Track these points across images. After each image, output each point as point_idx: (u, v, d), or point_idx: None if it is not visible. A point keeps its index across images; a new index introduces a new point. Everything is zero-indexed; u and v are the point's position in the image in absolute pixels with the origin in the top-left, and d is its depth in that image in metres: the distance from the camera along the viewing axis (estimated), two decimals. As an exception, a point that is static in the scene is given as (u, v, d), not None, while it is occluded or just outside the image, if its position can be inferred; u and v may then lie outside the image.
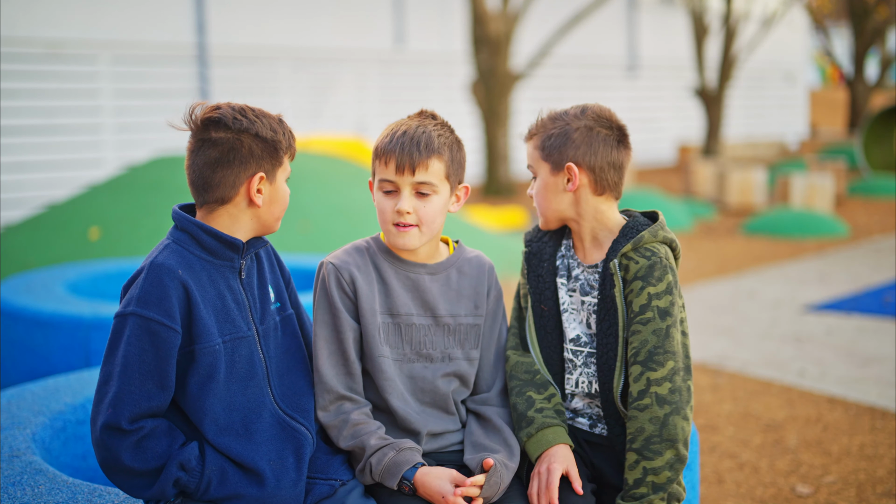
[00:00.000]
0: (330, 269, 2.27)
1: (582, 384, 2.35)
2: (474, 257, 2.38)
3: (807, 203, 12.17)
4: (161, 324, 2.03)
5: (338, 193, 8.31)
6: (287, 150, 2.19)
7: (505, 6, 14.52)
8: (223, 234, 2.13)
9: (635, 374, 2.22)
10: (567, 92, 19.20)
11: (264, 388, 2.17)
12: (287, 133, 2.19)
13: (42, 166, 12.10)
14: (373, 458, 2.17)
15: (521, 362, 2.35)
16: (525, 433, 2.26)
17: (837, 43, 31.27)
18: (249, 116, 2.13)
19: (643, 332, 2.22)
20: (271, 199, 2.19)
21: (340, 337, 2.24)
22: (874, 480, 3.92)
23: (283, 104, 14.68)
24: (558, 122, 2.36)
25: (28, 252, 7.36)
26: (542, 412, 2.27)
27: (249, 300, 2.19)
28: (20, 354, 4.38)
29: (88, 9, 12.51)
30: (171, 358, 2.04)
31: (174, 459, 2.04)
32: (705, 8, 18.49)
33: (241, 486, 2.08)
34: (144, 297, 2.04)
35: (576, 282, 2.36)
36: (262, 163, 2.14)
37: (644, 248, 2.26)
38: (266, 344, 2.20)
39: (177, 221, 2.15)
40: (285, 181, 2.22)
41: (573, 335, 2.35)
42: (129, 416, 2.01)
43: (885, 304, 7.09)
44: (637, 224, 2.32)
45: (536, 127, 2.39)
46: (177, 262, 2.08)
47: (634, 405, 2.21)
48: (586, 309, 2.34)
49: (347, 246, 2.34)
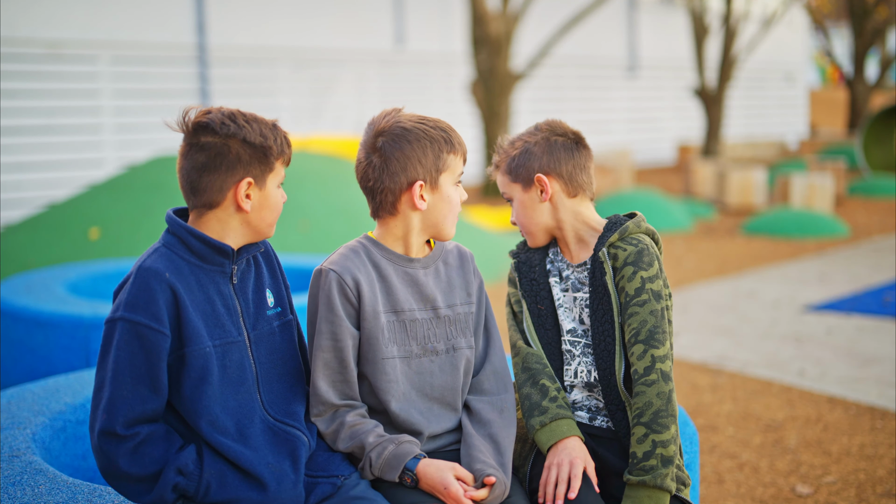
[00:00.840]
0: (332, 277, 2.24)
1: (581, 374, 2.39)
2: (454, 248, 2.42)
3: (807, 203, 12.17)
4: (149, 327, 2.03)
5: (338, 193, 8.31)
6: (279, 155, 2.17)
7: (505, 6, 14.52)
8: (212, 239, 2.12)
9: (638, 353, 2.28)
10: (567, 92, 19.20)
11: (254, 395, 2.17)
12: (280, 138, 2.17)
13: (42, 166, 12.10)
14: (372, 453, 2.17)
15: (533, 353, 2.40)
16: (538, 421, 2.29)
17: (837, 43, 31.27)
18: (239, 121, 2.12)
19: (641, 313, 2.30)
20: (261, 204, 2.17)
21: (339, 345, 2.23)
22: (874, 480, 3.92)
23: (283, 104, 14.69)
24: (516, 143, 2.47)
25: (28, 252, 7.36)
26: (556, 401, 2.32)
27: (241, 305, 2.18)
28: (20, 354, 4.38)
29: (88, 9, 12.51)
30: (161, 361, 2.05)
31: (172, 464, 2.04)
32: (705, 8, 18.49)
33: (242, 490, 2.08)
34: (133, 301, 2.04)
35: (567, 281, 2.43)
36: (251, 168, 2.13)
37: (630, 238, 2.36)
38: (258, 349, 2.19)
39: (168, 225, 2.16)
40: (278, 187, 2.19)
41: (570, 327, 2.41)
42: (123, 421, 2.02)
43: (884, 304, 7.09)
44: (618, 220, 2.42)
45: (499, 157, 2.50)
46: (165, 266, 2.08)
47: (642, 381, 2.26)
48: (578, 305, 2.41)
49: (341, 249, 2.31)
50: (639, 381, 2.27)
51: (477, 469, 2.18)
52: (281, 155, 2.17)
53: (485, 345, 2.40)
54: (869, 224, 11.74)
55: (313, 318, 2.26)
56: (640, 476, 2.21)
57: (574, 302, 2.42)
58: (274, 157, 2.15)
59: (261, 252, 2.29)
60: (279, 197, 2.20)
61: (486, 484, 2.15)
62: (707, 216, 12.40)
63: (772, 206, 12.68)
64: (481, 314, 2.41)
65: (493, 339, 2.41)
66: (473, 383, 2.37)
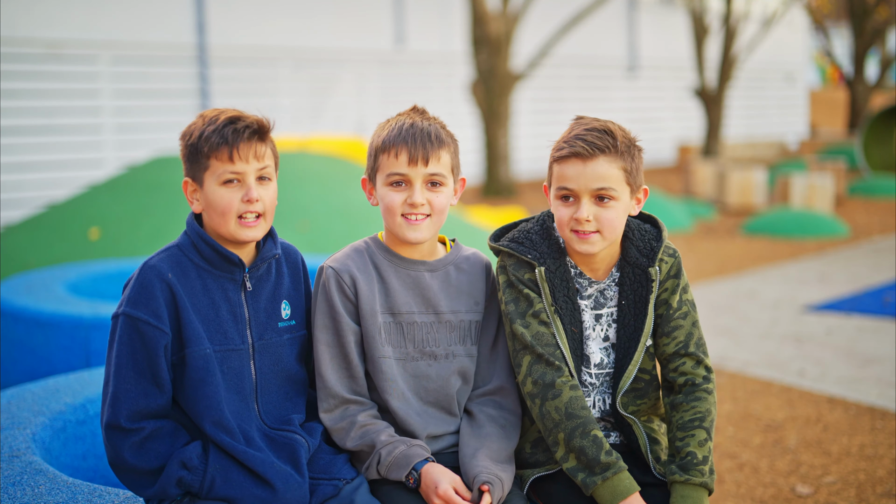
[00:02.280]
0: (330, 273, 2.25)
1: (598, 403, 2.35)
2: (472, 255, 2.38)
3: (807, 203, 12.17)
4: (148, 323, 2.05)
5: (338, 193, 8.31)
6: (213, 150, 2.07)
7: (505, 6, 14.52)
8: (221, 247, 2.12)
9: (691, 364, 2.30)
10: (567, 92, 19.19)
11: (250, 403, 2.17)
12: (218, 133, 2.06)
13: (42, 166, 12.10)
14: (382, 451, 2.17)
15: (576, 397, 2.23)
16: (600, 477, 2.17)
17: (837, 43, 31.25)
18: (196, 122, 2.11)
19: (685, 325, 2.31)
20: (206, 204, 2.13)
21: (342, 341, 2.24)
22: (874, 480, 3.92)
23: (283, 104, 14.68)
24: (618, 135, 2.21)
25: (28, 252, 7.36)
26: (611, 455, 2.20)
27: (250, 313, 2.17)
28: (20, 354, 4.38)
29: (88, 9, 12.51)
30: (160, 357, 2.06)
31: (176, 458, 2.05)
32: (705, 8, 18.49)
33: (247, 488, 2.08)
34: (134, 297, 2.07)
35: (589, 298, 2.33)
36: (189, 168, 2.13)
37: (668, 247, 2.32)
38: (261, 359, 2.19)
39: (186, 226, 2.17)
40: (224, 184, 2.09)
41: (597, 360, 2.33)
42: (126, 414, 2.04)
43: (885, 304, 7.09)
44: (632, 227, 2.33)
45: (601, 141, 2.19)
46: (168, 266, 2.10)
47: (702, 388, 2.29)
48: (604, 322, 2.33)
49: (346, 248, 2.32)
50: (700, 387, 2.29)
51: (474, 475, 2.17)
52: (216, 150, 2.07)
53: (493, 356, 2.34)
54: (869, 224, 11.74)
55: (316, 314, 2.26)
56: (699, 477, 2.20)
57: (598, 320, 2.32)
58: (204, 155, 2.08)
59: (288, 261, 2.27)
60: (222, 196, 2.09)
61: (482, 491, 2.14)
62: (707, 216, 12.40)
63: (772, 207, 12.67)
64: (492, 323, 2.35)
65: (501, 353, 2.34)
66: (481, 393, 2.34)
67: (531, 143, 17.94)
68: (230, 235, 2.12)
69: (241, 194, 2.09)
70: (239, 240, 2.12)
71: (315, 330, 2.26)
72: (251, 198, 2.09)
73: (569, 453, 2.21)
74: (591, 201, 2.20)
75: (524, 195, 14.81)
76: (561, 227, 2.25)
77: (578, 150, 2.18)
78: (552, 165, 2.26)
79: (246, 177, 2.09)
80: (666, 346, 2.30)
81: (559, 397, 2.22)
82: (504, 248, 2.30)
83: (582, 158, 2.18)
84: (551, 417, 2.21)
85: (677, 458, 2.24)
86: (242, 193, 2.09)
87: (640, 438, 2.30)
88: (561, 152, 2.21)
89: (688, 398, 2.28)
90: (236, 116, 2.10)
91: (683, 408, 2.27)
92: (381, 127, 2.27)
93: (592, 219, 2.19)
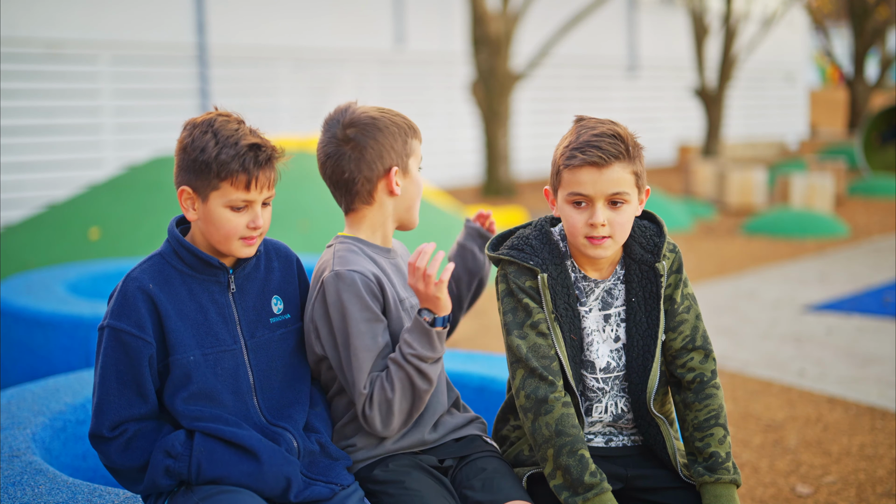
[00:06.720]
0: (356, 278, 2.18)
1: (610, 408, 2.32)
2: (397, 243, 2.46)
3: (807, 203, 12.17)
4: (131, 334, 2.07)
5: (338, 193, 8.29)
6: (228, 176, 2.06)
7: (505, 6, 14.52)
8: (201, 252, 2.13)
9: (699, 359, 2.30)
10: (567, 92, 19.19)
11: (249, 402, 2.17)
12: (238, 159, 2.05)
13: (42, 166, 12.10)
14: (405, 334, 2.19)
15: (568, 415, 2.20)
16: (582, 498, 2.15)
17: (837, 43, 31.25)
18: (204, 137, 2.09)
19: (689, 319, 2.31)
20: (207, 220, 2.12)
21: (381, 342, 2.20)
22: (874, 480, 3.92)
23: (283, 104, 14.69)
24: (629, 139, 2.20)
25: (28, 252, 7.36)
26: (595, 476, 2.17)
27: (239, 313, 2.18)
28: (20, 354, 4.38)
29: (88, 9, 12.51)
30: (144, 367, 2.08)
31: (160, 448, 2.07)
32: (705, 8, 18.49)
33: (233, 464, 2.08)
34: (118, 309, 2.09)
35: (596, 299, 2.30)
36: (190, 179, 2.10)
37: (669, 242, 2.32)
38: (256, 357, 2.19)
39: (168, 234, 2.18)
40: (227, 207, 2.09)
41: (603, 364, 2.29)
42: (108, 425, 2.07)
43: (885, 304, 7.09)
44: (633, 224, 2.32)
45: (615, 148, 2.16)
46: (150, 277, 2.11)
47: (712, 384, 2.30)
48: (612, 322, 2.30)
49: (339, 253, 2.25)
50: (709, 384, 2.30)
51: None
52: (233, 176, 2.06)
53: None
54: (869, 224, 11.74)
55: (341, 324, 2.18)
56: (727, 475, 2.22)
57: (606, 321, 2.29)
58: (216, 175, 2.07)
59: (279, 256, 2.27)
60: (234, 220, 2.09)
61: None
62: (707, 216, 12.40)
63: (772, 206, 12.67)
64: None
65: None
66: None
67: (531, 143, 17.94)
68: (229, 252, 2.14)
69: (247, 220, 2.11)
70: (238, 256, 2.16)
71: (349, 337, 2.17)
72: (258, 225, 2.12)
73: (556, 470, 2.19)
74: (604, 206, 2.18)
75: (524, 195, 14.80)
76: (574, 233, 2.21)
77: (595, 159, 2.15)
78: (561, 171, 2.21)
79: (255, 204, 2.11)
80: (673, 342, 2.30)
81: (551, 413, 2.19)
82: (504, 257, 2.26)
83: (598, 167, 2.16)
84: (542, 433, 2.20)
85: (700, 458, 2.25)
86: (249, 220, 2.11)
87: (668, 441, 2.29)
88: (574, 161, 2.17)
89: (699, 396, 2.29)
90: (257, 144, 2.08)
91: (696, 407, 2.29)
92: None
93: (606, 223, 2.18)
